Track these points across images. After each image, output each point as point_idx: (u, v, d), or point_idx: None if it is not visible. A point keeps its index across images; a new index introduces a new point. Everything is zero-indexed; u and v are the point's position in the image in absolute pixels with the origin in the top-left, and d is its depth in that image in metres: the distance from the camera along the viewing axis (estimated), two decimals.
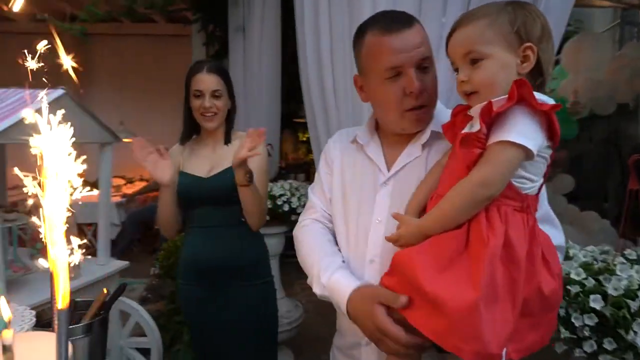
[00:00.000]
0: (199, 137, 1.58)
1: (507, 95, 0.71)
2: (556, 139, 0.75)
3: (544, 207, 0.89)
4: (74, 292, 1.81)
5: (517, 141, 0.69)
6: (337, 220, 1.03)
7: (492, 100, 0.72)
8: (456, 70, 0.81)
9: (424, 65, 0.89)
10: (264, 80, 2.79)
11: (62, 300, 0.46)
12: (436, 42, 1.47)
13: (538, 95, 0.73)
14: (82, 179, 0.52)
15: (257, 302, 1.53)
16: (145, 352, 2.30)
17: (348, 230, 0.99)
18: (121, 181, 5.43)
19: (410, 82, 0.87)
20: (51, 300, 0.69)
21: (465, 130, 0.77)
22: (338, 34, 1.77)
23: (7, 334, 0.49)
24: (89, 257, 2.23)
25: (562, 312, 1.06)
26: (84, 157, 0.51)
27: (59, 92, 1.79)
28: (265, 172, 1.54)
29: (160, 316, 2.76)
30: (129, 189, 5.25)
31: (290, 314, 2.54)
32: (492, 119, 0.71)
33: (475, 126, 0.73)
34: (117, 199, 4.88)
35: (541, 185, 0.79)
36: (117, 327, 2.25)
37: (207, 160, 1.50)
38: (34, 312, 1.04)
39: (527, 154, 0.71)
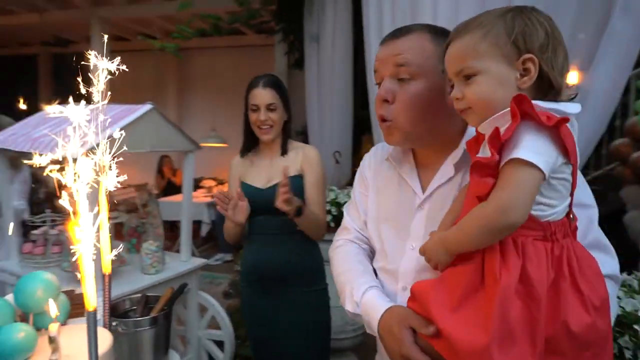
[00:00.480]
0: (257, 149, 1.67)
1: (507, 109, 0.65)
2: (572, 154, 0.66)
3: (592, 233, 0.80)
4: (157, 286, 2.03)
5: (527, 158, 0.62)
6: (373, 243, 1.00)
7: (498, 125, 0.66)
8: (452, 87, 0.75)
9: (401, 77, 0.84)
10: (336, 87, 2.84)
11: (89, 303, 0.54)
12: None
13: (553, 105, 0.66)
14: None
15: (310, 309, 1.57)
16: (220, 344, 2.49)
17: (382, 255, 0.96)
18: (212, 182, 5.89)
19: (379, 89, 0.87)
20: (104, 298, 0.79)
21: (480, 153, 0.71)
22: None
23: (53, 328, 0.58)
24: (175, 253, 2.48)
25: (628, 354, 0.93)
26: None
27: (148, 107, 2.02)
28: (320, 185, 1.58)
29: (238, 311, 2.94)
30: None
31: (355, 320, 2.54)
32: (502, 144, 0.65)
33: (486, 151, 0.68)
34: (208, 199, 5.30)
35: (570, 207, 0.70)
36: (196, 319, 2.46)
37: (265, 172, 1.58)
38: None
39: (541, 175, 0.63)
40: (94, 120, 2.14)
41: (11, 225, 2.22)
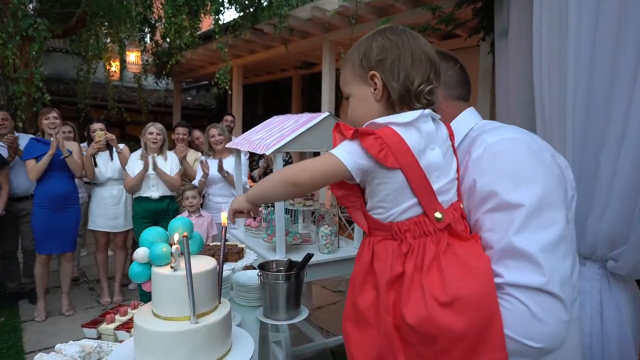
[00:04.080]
0: None
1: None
2: (388, 159, 0.71)
3: (506, 239, 0.72)
4: (329, 263, 2.43)
5: (334, 152, 0.77)
6: None
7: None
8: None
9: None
10: (520, 86, 2.64)
11: (181, 234, 0.90)
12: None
13: (388, 119, 0.74)
14: None
15: None
16: None
17: None
18: None
19: None
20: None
21: None
22: (554, 45, 1.66)
23: (174, 247, 0.97)
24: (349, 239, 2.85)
25: None
26: None
27: (325, 114, 2.45)
28: None
29: None
30: None
31: None
32: None
33: None
34: None
35: (426, 206, 0.73)
36: None
37: None
38: (255, 255, 1.63)
39: (341, 165, 0.75)
40: (294, 124, 2.84)
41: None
